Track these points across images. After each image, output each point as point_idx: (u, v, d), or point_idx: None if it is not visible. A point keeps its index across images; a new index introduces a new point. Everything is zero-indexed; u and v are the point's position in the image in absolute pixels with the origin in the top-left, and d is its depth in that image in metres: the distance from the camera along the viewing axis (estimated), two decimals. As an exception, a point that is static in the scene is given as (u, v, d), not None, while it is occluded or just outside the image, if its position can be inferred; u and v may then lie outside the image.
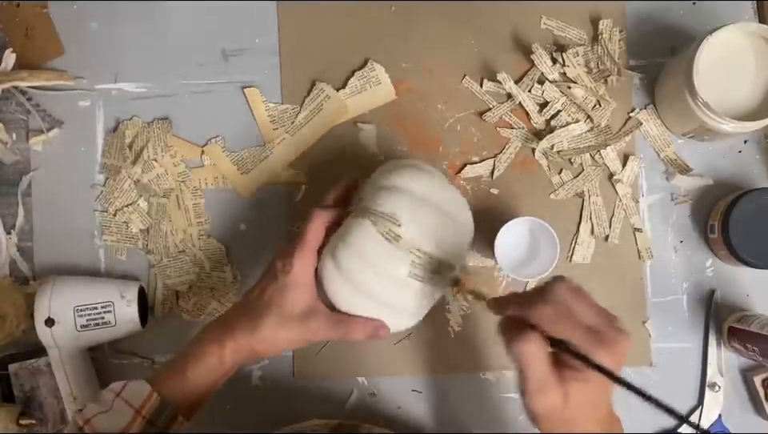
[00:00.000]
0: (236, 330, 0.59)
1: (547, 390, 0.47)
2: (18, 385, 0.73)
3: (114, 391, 0.58)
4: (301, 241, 0.59)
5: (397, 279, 0.56)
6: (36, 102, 0.77)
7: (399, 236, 0.56)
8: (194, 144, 0.77)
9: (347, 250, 0.56)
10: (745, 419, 0.73)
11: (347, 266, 0.57)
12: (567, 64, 0.74)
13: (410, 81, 0.76)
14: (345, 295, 0.58)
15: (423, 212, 0.57)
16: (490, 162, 0.75)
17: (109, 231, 0.76)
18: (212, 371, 0.59)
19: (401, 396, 0.75)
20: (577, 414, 0.48)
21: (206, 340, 0.60)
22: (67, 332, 0.69)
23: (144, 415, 0.56)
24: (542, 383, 0.47)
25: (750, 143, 0.75)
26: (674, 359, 0.73)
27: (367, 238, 0.56)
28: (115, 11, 0.78)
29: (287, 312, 0.59)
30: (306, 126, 0.76)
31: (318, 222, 0.60)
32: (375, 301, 0.58)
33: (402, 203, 0.57)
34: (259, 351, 0.60)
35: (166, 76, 0.77)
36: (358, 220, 0.57)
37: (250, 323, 0.59)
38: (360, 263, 0.56)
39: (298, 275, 0.59)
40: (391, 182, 0.58)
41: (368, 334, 0.59)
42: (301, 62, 0.77)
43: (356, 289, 0.57)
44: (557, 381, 0.47)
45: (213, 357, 0.59)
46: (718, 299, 0.73)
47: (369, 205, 0.57)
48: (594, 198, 0.74)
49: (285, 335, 0.59)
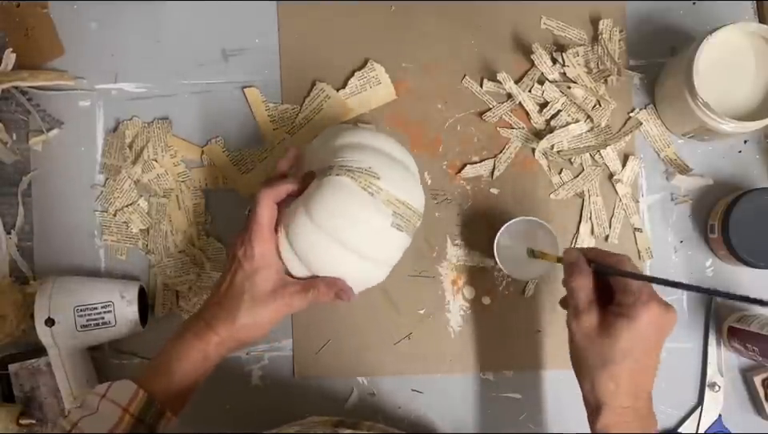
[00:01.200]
0: (216, 324, 0.60)
1: (589, 312, 0.55)
2: (17, 385, 0.73)
3: (98, 393, 0.58)
4: (255, 223, 0.60)
5: (380, 231, 0.59)
6: (36, 102, 0.77)
7: (381, 189, 0.58)
8: (194, 144, 0.77)
9: (328, 209, 0.58)
10: (745, 419, 0.73)
11: (330, 225, 0.58)
12: (567, 64, 0.74)
13: (410, 81, 0.76)
14: (329, 254, 0.59)
15: (390, 165, 0.60)
16: (490, 162, 0.75)
17: (109, 231, 0.76)
18: (197, 367, 0.60)
19: (401, 396, 0.75)
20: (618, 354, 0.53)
21: (187, 337, 0.60)
22: (67, 332, 0.69)
23: (132, 412, 0.56)
24: (585, 306, 0.55)
25: (750, 143, 0.75)
26: (674, 359, 0.73)
27: (349, 194, 0.57)
28: (115, 11, 0.78)
29: (260, 295, 0.60)
30: (306, 126, 0.76)
31: (267, 201, 0.60)
32: (358, 254, 0.60)
33: (376, 158, 0.59)
34: (243, 337, 0.61)
35: (166, 76, 0.77)
36: (334, 178, 0.58)
37: (227, 315, 0.60)
38: (344, 220, 0.58)
39: (260, 257, 0.60)
40: (354, 140, 0.60)
41: (335, 292, 0.61)
42: (301, 62, 0.77)
43: (342, 246, 0.59)
44: (599, 309, 0.55)
45: (197, 353, 0.60)
46: (717, 299, 0.73)
47: (340, 163, 0.58)
48: (594, 198, 0.74)
49: (263, 315, 0.60)
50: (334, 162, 0.59)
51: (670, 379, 0.73)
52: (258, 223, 0.60)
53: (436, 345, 0.75)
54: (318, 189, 0.58)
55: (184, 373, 0.59)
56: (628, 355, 0.53)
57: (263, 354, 0.75)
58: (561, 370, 0.74)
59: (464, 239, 0.75)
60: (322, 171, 0.60)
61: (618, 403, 0.54)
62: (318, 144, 0.64)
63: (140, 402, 0.57)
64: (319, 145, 0.64)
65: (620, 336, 0.53)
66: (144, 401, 0.57)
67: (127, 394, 0.57)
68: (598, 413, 0.54)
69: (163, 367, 0.60)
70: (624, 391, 0.54)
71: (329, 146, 0.61)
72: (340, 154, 0.59)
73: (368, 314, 0.74)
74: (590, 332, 0.54)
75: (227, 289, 0.61)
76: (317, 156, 0.63)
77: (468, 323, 0.74)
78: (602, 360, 0.54)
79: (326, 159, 0.61)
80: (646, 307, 0.53)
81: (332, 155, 0.60)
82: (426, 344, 0.75)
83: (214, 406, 0.75)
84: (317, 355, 0.75)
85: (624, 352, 0.53)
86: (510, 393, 0.74)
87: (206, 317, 0.61)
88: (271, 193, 0.61)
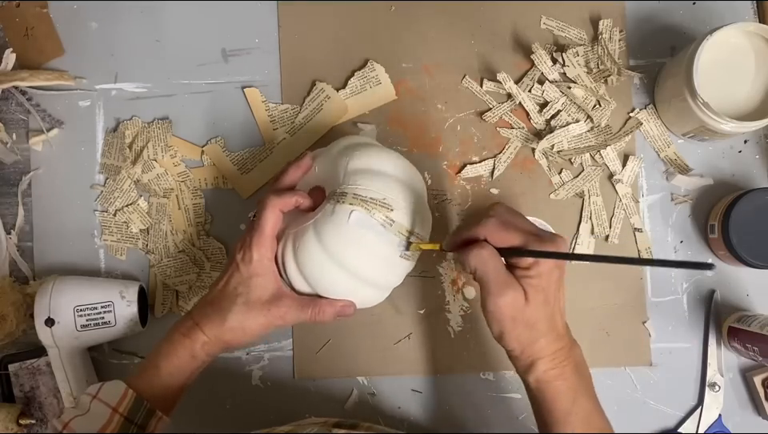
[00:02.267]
0: (204, 324, 0.60)
1: (507, 287, 0.52)
2: (18, 385, 0.73)
3: (90, 393, 0.58)
4: (258, 230, 0.60)
5: (388, 260, 0.59)
6: (36, 102, 0.77)
7: (393, 221, 0.58)
8: (194, 144, 0.77)
9: (340, 239, 0.57)
10: (745, 419, 0.73)
11: (340, 253, 0.58)
12: (567, 64, 0.74)
13: (410, 81, 0.76)
14: (334, 277, 0.59)
15: (403, 193, 0.60)
16: (490, 162, 0.75)
17: (109, 231, 0.76)
18: (185, 366, 0.60)
19: (401, 396, 0.75)
20: (538, 315, 0.53)
21: (176, 336, 0.60)
22: (67, 332, 0.69)
23: (121, 412, 0.57)
24: (502, 283, 0.52)
25: (750, 143, 0.75)
26: (674, 359, 0.73)
27: (363, 227, 0.57)
28: (115, 11, 0.78)
29: (253, 301, 0.60)
30: (306, 126, 0.76)
31: (274, 209, 0.60)
32: (364, 281, 0.60)
33: (389, 186, 0.59)
34: (228, 340, 0.61)
35: (166, 76, 0.77)
36: (347, 208, 0.57)
37: (217, 316, 0.60)
38: (355, 250, 0.58)
39: (258, 263, 0.60)
40: (368, 165, 0.60)
41: (336, 314, 0.61)
42: (301, 62, 0.77)
43: (349, 273, 0.58)
44: (515, 280, 0.53)
45: (185, 351, 0.60)
46: (717, 299, 0.73)
47: (354, 190, 0.58)
48: (594, 198, 0.74)
49: (253, 323, 0.60)
50: (348, 189, 0.58)
51: (670, 379, 0.73)
52: (261, 229, 0.60)
53: (436, 345, 0.75)
54: (332, 216, 0.58)
55: (171, 372, 0.60)
56: (544, 309, 0.54)
57: (263, 354, 0.75)
58: (561, 370, 0.74)
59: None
60: (334, 194, 0.59)
61: (549, 350, 0.54)
62: (328, 158, 0.63)
63: (129, 402, 0.57)
64: (330, 159, 0.63)
65: (535, 297, 0.53)
66: (133, 401, 0.57)
67: (117, 394, 0.57)
68: (532, 367, 0.55)
69: (151, 365, 0.60)
70: (550, 340, 0.54)
71: (340, 165, 0.60)
72: (353, 179, 0.59)
73: (368, 314, 0.74)
74: (513, 303, 0.53)
75: (222, 290, 0.61)
76: (326, 170, 0.62)
77: (468, 323, 0.74)
78: (526, 324, 0.53)
79: (336, 179, 0.60)
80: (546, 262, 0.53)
81: (345, 178, 0.59)
82: (426, 344, 0.75)
83: (214, 406, 0.75)
84: (317, 356, 0.75)
85: (542, 309, 0.53)
86: (510, 393, 0.74)
87: (196, 316, 0.61)
88: (279, 202, 0.60)
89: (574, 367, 0.55)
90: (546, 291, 0.54)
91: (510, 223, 0.54)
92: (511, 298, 0.52)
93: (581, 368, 0.56)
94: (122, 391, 0.58)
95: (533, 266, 0.53)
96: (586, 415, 0.55)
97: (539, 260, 0.53)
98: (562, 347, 0.55)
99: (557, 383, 0.54)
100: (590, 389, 0.56)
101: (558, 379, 0.54)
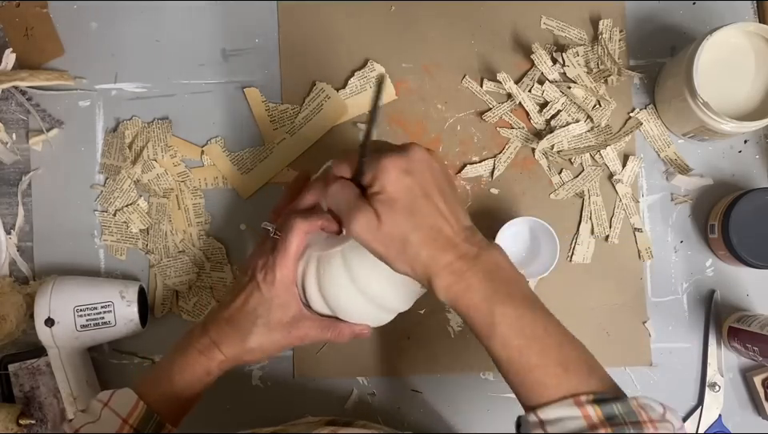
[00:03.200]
0: (222, 343, 0.59)
1: (358, 209, 0.49)
2: (18, 385, 0.73)
3: (101, 400, 0.58)
4: (283, 252, 0.58)
5: (411, 291, 0.59)
6: (36, 102, 0.77)
7: None
8: (194, 144, 0.77)
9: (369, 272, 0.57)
10: (745, 419, 0.73)
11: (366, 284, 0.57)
12: (567, 64, 0.74)
13: (410, 81, 0.76)
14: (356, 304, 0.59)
15: None
16: (490, 162, 0.75)
17: (109, 231, 0.76)
18: (199, 382, 0.60)
19: (401, 396, 0.75)
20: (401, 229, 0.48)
21: (192, 352, 0.60)
22: (67, 332, 0.69)
23: (131, 424, 0.57)
24: (353, 204, 0.49)
25: (750, 143, 0.75)
26: (674, 359, 0.73)
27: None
28: (115, 11, 0.78)
29: (274, 323, 0.59)
30: (306, 126, 0.76)
31: (301, 232, 0.57)
32: (383, 308, 0.60)
33: None
34: (247, 359, 0.61)
35: (166, 76, 0.77)
36: None
37: (237, 337, 0.59)
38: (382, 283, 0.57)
39: (281, 285, 0.58)
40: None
41: (354, 336, 0.61)
42: (301, 62, 0.77)
43: (371, 300, 0.58)
44: (363, 202, 0.49)
45: (200, 368, 0.59)
46: (718, 299, 0.73)
47: None
48: (594, 198, 0.74)
49: (273, 343, 0.59)
50: None
51: (670, 379, 0.73)
52: (286, 251, 0.58)
53: (436, 345, 0.75)
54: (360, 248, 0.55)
55: (185, 387, 0.59)
56: (410, 220, 0.48)
57: (263, 354, 0.75)
58: (561, 370, 0.74)
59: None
60: None
61: (440, 263, 0.48)
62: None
63: (139, 413, 0.57)
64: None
65: (387, 211, 0.48)
66: (143, 413, 0.57)
67: (128, 405, 0.57)
68: (432, 287, 0.49)
69: (165, 379, 0.59)
70: (436, 251, 0.48)
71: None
72: None
73: (368, 314, 0.74)
74: (367, 225, 0.48)
75: (240, 309, 0.59)
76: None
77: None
78: (391, 241, 0.48)
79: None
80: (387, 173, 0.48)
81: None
82: (426, 344, 0.75)
83: (214, 406, 0.75)
84: (317, 356, 0.75)
85: (405, 221, 0.48)
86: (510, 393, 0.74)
87: (213, 335, 0.60)
88: (306, 226, 0.58)
89: (483, 276, 0.48)
90: (403, 201, 0.48)
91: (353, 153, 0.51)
92: (363, 221, 0.48)
93: (495, 274, 0.48)
94: (133, 402, 0.57)
95: (374, 182, 0.49)
96: (512, 322, 0.47)
97: (379, 173, 0.48)
98: (461, 256, 0.48)
99: (466, 297, 0.48)
100: (514, 294, 0.48)
101: (466, 292, 0.48)
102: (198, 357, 0.59)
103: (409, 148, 0.50)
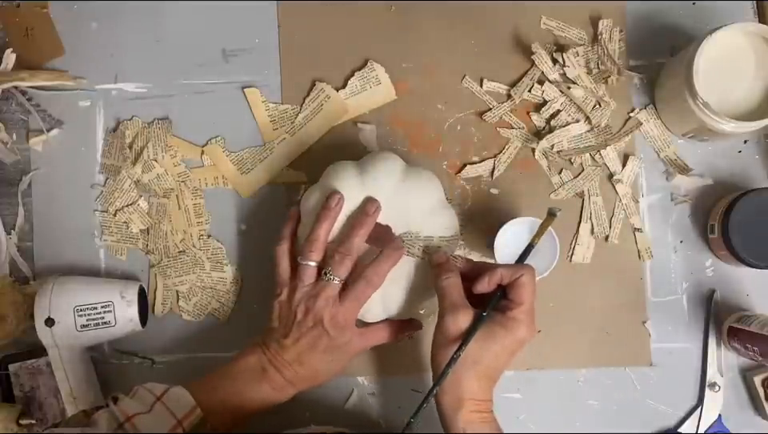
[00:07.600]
0: (298, 383, 0.63)
1: (465, 309, 0.58)
2: (18, 385, 0.73)
3: (153, 392, 0.59)
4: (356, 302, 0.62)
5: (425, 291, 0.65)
6: (36, 102, 0.77)
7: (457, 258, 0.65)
8: (194, 144, 0.77)
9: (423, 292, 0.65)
10: (745, 419, 0.73)
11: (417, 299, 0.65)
12: (567, 64, 0.74)
13: (410, 81, 0.76)
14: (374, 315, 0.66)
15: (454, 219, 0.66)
16: (489, 162, 0.75)
17: (109, 231, 0.76)
18: (265, 408, 0.63)
19: (401, 396, 0.75)
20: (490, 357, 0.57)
21: (266, 388, 0.62)
22: (67, 332, 0.69)
23: (185, 427, 0.57)
24: (456, 305, 0.58)
25: (750, 143, 0.75)
26: (674, 359, 0.73)
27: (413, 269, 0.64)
28: (115, 11, 0.78)
29: (345, 361, 0.65)
30: (306, 126, 0.76)
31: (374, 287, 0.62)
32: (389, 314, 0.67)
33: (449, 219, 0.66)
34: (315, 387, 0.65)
35: (166, 76, 0.77)
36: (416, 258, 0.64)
37: (310, 376, 0.63)
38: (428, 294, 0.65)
39: (347, 322, 0.62)
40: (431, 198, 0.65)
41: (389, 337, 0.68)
42: (301, 62, 0.77)
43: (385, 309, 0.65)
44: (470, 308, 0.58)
45: (271, 400, 0.63)
46: (717, 299, 0.73)
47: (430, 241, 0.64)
48: (594, 198, 0.74)
49: (341, 370, 0.66)
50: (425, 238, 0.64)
51: (670, 379, 0.73)
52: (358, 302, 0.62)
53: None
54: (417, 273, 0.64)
55: (249, 412, 0.62)
56: (495, 360, 0.57)
57: (263, 354, 0.75)
58: (561, 370, 0.74)
59: (464, 239, 0.75)
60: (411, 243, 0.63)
61: (480, 398, 0.57)
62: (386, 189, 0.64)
63: (194, 419, 0.58)
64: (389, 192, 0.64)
65: (495, 342, 0.57)
66: (198, 420, 0.58)
67: (184, 407, 0.58)
68: (458, 409, 0.57)
69: (233, 401, 0.61)
70: (484, 388, 0.58)
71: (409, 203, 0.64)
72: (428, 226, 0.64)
73: (368, 314, 0.74)
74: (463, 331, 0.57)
75: (309, 351, 0.62)
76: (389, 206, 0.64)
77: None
78: (472, 360, 0.56)
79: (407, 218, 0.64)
80: (524, 324, 0.57)
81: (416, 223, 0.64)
82: (426, 344, 0.74)
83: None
84: (317, 355, 0.75)
85: (495, 357, 0.57)
86: (510, 393, 0.74)
87: (287, 376, 0.62)
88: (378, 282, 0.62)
89: (497, 427, 0.58)
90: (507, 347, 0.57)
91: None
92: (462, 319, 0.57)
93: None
94: (189, 406, 0.58)
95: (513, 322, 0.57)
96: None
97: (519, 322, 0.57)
98: (487, 399, 0.58)
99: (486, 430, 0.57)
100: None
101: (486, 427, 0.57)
102: (272, 393, 0.63)
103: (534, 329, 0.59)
